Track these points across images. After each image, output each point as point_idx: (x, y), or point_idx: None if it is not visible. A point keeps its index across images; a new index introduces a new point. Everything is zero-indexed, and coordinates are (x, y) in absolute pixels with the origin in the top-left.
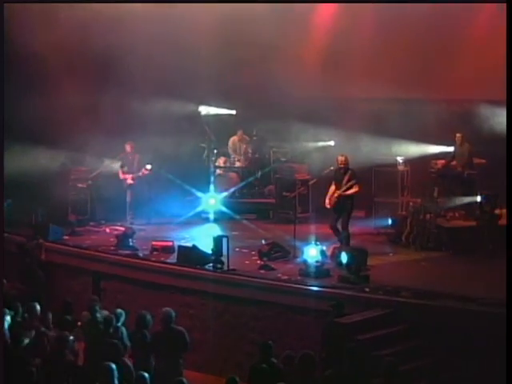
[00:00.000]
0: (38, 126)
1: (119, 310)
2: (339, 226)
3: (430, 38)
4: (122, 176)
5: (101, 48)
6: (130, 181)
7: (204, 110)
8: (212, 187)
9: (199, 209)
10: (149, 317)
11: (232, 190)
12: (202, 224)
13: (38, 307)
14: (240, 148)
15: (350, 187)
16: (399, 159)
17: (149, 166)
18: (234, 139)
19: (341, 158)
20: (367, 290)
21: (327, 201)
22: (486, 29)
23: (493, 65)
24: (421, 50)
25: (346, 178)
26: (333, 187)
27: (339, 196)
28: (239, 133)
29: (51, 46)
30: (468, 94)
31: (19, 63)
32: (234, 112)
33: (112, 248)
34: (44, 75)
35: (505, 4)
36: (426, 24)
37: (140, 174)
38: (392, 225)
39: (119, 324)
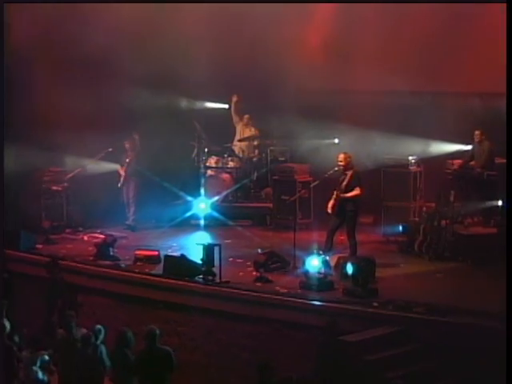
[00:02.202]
0: (8, 122)
1: (98, 326)
2: (335, 237)
3: (447, 26)
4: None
5: (79, 40)
6: (122, 173)
7: (194, 104)
8: (202, 190)
9: (188, 214)
10: (130, 334)
11: (225, 193)
12: (192, 231)
13: (8, 324)
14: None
15: (351, 190)
16: (411, 159)
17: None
18: (241, 126)
19: (340, 156)
20: (375, 304)
21: (329, 205)
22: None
23: None
24: (437, 38)
25: (347, 179)
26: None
27: (338, 198)
28: (246, 117)
29: (24, 39)
30: (488, 87)
31: None
32: (226, 106)
33: (91, 258)
34: (14, 68)
35: (505, 4)
36: (444, 11)
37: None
38: (403, 232)
39: (98, 342)
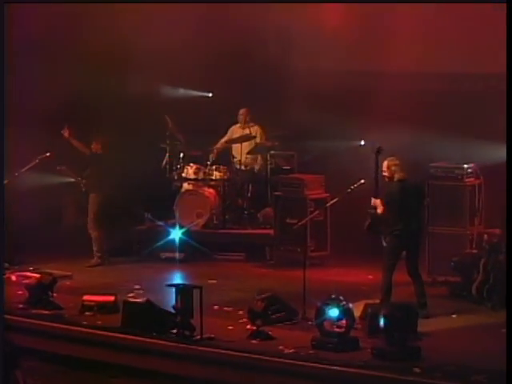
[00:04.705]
0: None
1: None
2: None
3: None
4: None
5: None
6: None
7: (164, 91)
8: (177, 211)
9: (157, 244)
10: None
11: (208, 214)
12: (162, 268)
13: None
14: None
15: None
16: (467, 167)
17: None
18: (234, 129)
19: (384, 164)
20: (418, 370)
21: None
22: None
23: None
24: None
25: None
26: None
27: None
28: (242, 111)
29: None
30: None
31: None
32: (209, 94)
33: (20, 306)
34: None
35: (505, 4)
36: None
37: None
38: (456, 269)
39: None
